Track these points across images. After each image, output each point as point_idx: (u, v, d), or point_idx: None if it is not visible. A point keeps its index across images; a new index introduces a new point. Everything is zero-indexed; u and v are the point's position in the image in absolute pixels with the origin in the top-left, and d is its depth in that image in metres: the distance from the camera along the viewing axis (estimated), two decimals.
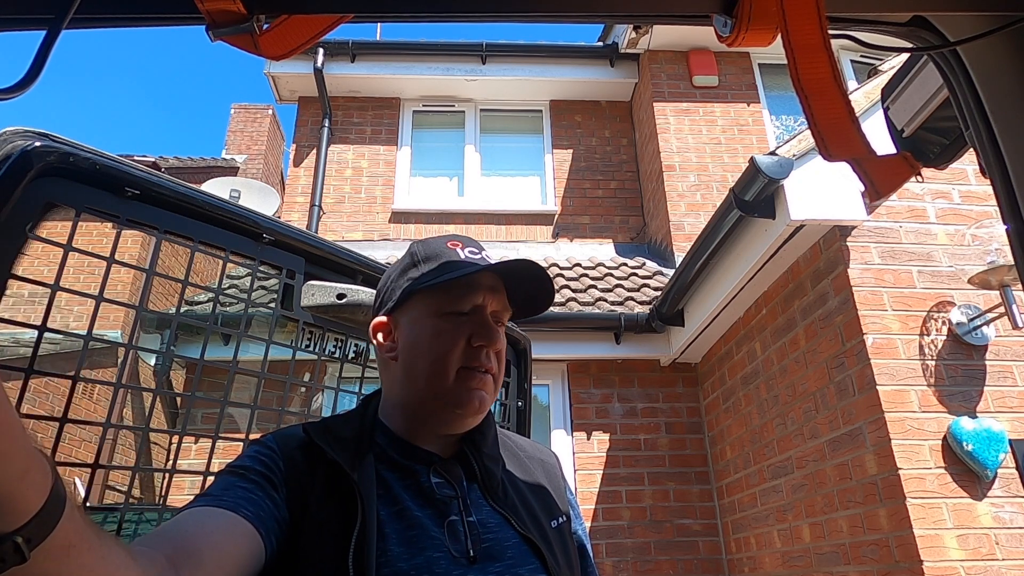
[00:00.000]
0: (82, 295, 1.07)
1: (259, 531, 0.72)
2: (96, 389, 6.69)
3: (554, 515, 0.94)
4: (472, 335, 0.87)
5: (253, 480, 0.77)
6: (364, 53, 6.45)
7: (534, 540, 0.85)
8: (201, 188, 1.48)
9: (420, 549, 0.79)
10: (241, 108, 11.42)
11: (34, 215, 0.93)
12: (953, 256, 3.01)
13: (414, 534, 0.80)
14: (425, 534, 0.80)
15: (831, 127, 0.64)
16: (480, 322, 0.88)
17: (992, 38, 0.69)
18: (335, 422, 0.91)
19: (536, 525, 0.89)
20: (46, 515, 0.42)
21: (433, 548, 0.80)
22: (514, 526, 0.86)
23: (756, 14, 0.62)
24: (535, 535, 0.86)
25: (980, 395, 2.76)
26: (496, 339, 0.88)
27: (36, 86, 0.59)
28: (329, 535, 0.77)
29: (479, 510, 0.87)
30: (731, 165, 5.63)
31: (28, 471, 0.41)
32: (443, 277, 0.88)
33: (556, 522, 0.93)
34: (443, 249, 0.92)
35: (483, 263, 0.91)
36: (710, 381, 4.50)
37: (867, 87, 3.24)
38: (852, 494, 2.88)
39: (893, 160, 0.65)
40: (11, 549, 0.40)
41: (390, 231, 6.09)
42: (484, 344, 0.87)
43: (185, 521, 0.69)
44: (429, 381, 0.87)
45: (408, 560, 0.77)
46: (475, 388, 0.86)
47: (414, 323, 0.90)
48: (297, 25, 0.65)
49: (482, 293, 0.89)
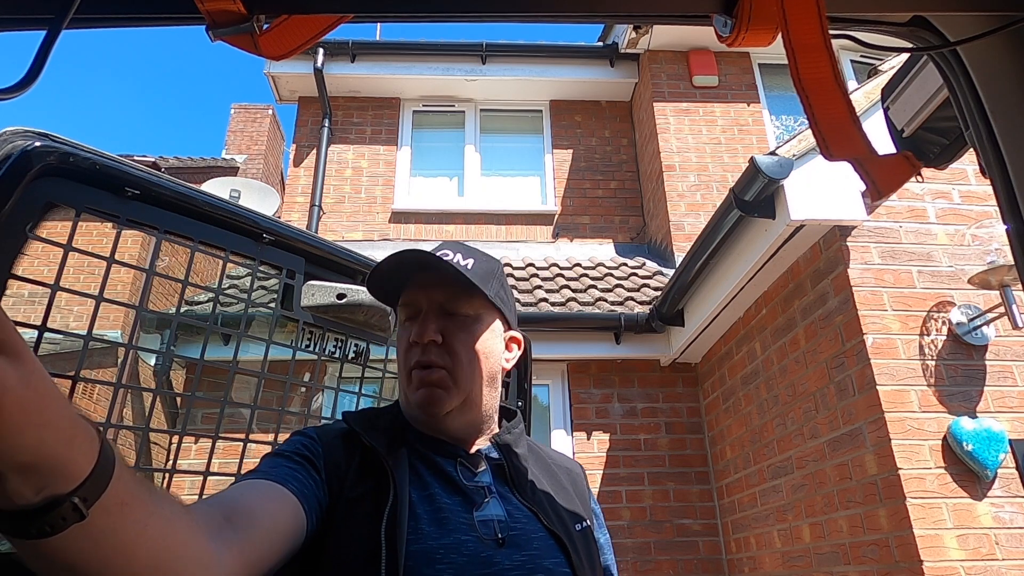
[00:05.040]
0: (82, 295, 1.07)
1: (303, 507, 0.76)
2: (96, 389, 6.69)
3: (579, 519, 0.95)
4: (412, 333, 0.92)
5: (297, 462, 0.82)
6: (364, 53, 6.45)
7: (560, 536, 0.87)
8: (201, 188, 1.48)
9: (449, 531, 0.82)
10: (241, 108, 11.42)
11: (34, 215, 0.93)
12: (953, 256, 3.01)
13: (444, 516, 0.84)
14: (454, 518, 0.84)
15: (832, 127, 0.64)
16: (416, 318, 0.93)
17: (992, 38, 0.69)
18: (372, 412, 0.99)
19: (562, 524, 0.91)
20: (97, 476, 0.46)
21: (462, 531, 0.83)
22: (541, 521, 0.88)
23: (756, 14, 0.62)
24: (561, 532, 0.88)
25: (980, 395, 2.76)
26: (423, 332, 0.89)
27: (36, 86, 0.59)
28: (362, 512, 0.81)
29: (507, 502, 0.89)
30: (731, 165, 5.63)
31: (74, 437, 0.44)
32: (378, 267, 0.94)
33: (580, 526, 0.95)
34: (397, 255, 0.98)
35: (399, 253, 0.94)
36: (710, 381, 4.50)
37: (867, 87, 3.24)
38: (852, 494, 2.88)
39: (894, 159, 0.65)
40: (70, 508, 0.44)
41: (390, 231, 6.09)
42: (413, 340, 0.90)
43: (239, 488, 0.74)
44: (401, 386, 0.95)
45: (437, 539, 0.81)
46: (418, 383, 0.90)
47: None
48: (297, 25, 0.65)
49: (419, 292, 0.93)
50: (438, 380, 0.89)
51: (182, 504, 0.58)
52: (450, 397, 0.90)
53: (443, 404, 0.90)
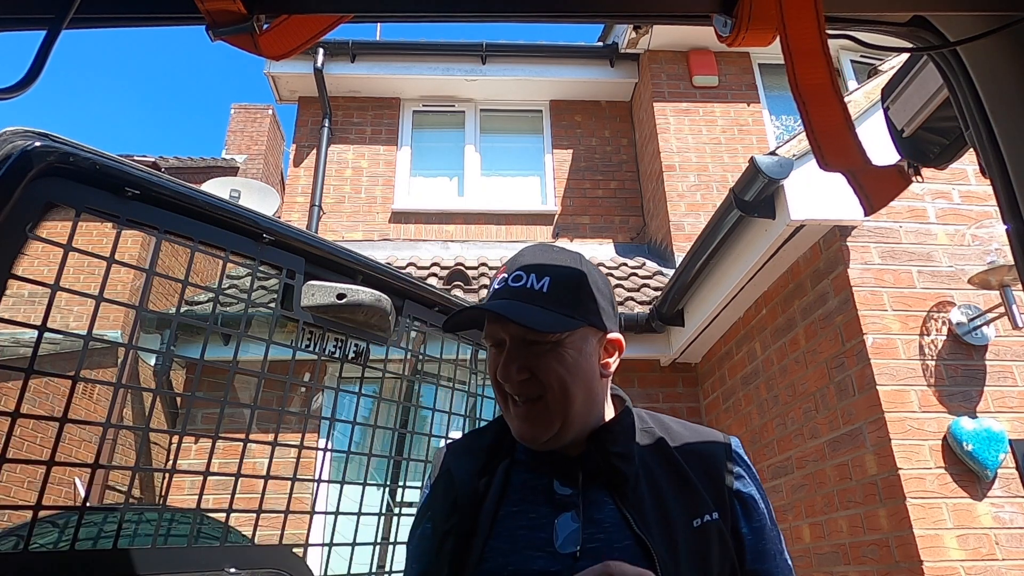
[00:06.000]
0: (82, 295, 1.07)
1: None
2: (96, 389, 6.69)
3: (699, 513, 0.88)
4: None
5: (411, 567, 0.94)
6: (364, 53, 6.45)
7: (648, 543, 0.83)
8: (201, 188, 1.48)
9: (523, 546, 0.84)
10: (241, 108, 11.42)
11: (34, 215, 0.93)
12: (953, 256, 3.01)
13: (523, 533, 0.85)
14: (533, 533, 0.85)
15: (828, 134, 0.64)
16: (501, 353, 0.91)
17: (992, 38, 0.69)
18: (474, 434, 1.04)
19: (664, 526, 0.86)
20: None
21: (535, 547, 0.84)
22: (632, 527, 0.85)
23: (756, 14, 0.62)
24: (654, 537, 0.84)
25: (980, 395, 2.76)
26: (504, 373, 0.89)
27: (36, 86, 0.59)
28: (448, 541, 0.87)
29: (599, 509, 0.87)
30: (731, 165, 5.63)
31: None
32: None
33: (700, 520, 0.87)
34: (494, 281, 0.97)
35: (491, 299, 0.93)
36: (710, 381, 4.50)
37: (867, 87, 3.24)
38: (852, 494, 2.88)
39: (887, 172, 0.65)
40: None
41: (390, 231, 6.09)
42: (498, 378, 0.90)
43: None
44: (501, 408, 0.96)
45: (507, 556, 0.83)
46: (515, 416, 0.91)
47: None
48: (297, 25, 0.65)
49: (499, 327, 0.91)
50: (534, 415, 0.89)
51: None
52: (546, 426, 0.89)
53: (541, 434, 0.89)
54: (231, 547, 1.27)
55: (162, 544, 1.64)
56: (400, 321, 1.51)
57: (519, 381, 0.88)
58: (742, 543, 0.89)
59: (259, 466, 1.57)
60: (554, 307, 0.88)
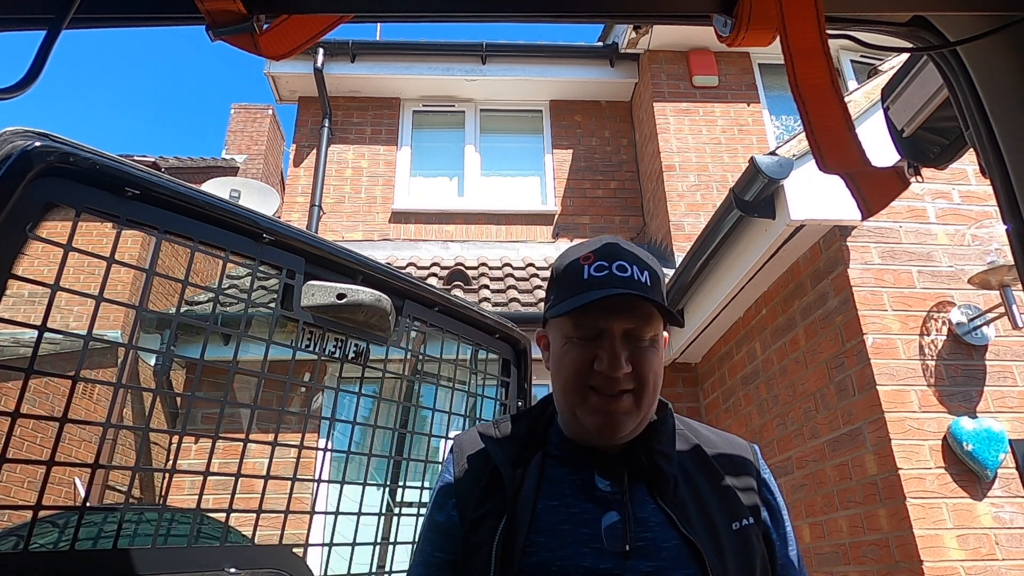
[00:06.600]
0: (82, 295, 1.07)
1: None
2: (96, 389, 6.68)
3: (737, 516, 0.88)
4: (596, 359, 0.87)
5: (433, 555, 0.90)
6: (364, 53, 6.45)
7: (696, 543, 0.82)
8: (201, 188, 1.48)
9: (569, 542, 0.82)
10: (241, 108, 11.42)
11: (34, 215, 0.93)
12: (953, 256, 3.01)
13: (566, 528, 0.83)
14: (577, 529, 0.83)
15: (828, 135, 0.64)
16: (603, 346, 0.87)
17: (992, 38, 0.69)
18: (507, 421, 1.00)
19: (707, 527, 0.85)
20: None
21: (582, 543, 0.82)
22: (677, 526, 0.84)
23: (756, 14, 0.62)
24: (700, 538, 0.83)
25: (980, 395, 2.76)
26: (614, 366, 0.85)
27: (36, 86, 0.59)
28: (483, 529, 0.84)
29: (642, 508, 0.86)
30: (731, 165, 5.63)
31: None
32: (555, 311, 0.89)
33: (739, 524, 0.87)
34: (573, 267, 0.91)
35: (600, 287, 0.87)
36: (710, 381, 4.49)
37: (867, 87, 3.24)
38: (852, 494, 2.88)
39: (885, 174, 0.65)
40: None
41: (390, 231, 6.09)
42: (601, 370, 0.86)
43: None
44: (567, 403, 0.91)
45: (553, 551, 0.81)
46: (599, 410, 0.87)
47: (553, 344, 0.95)
48: (297, 25, 0.65)
49: (603, 318, 0.87)
50: (625, 408, 0.87)
51: None
52: (631, 422, 0.88)
53: (623, 429, 0.88)
54: (231, 547, 1.27)
55: (162, 544, 1.64)
56: (400, 321, 1.51)
57: (629, 373, 0.86)
58: (773, 549, 0.91)
59: (259, 466, 1.57)
60: (661, 301, 0.88)
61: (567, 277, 0.91)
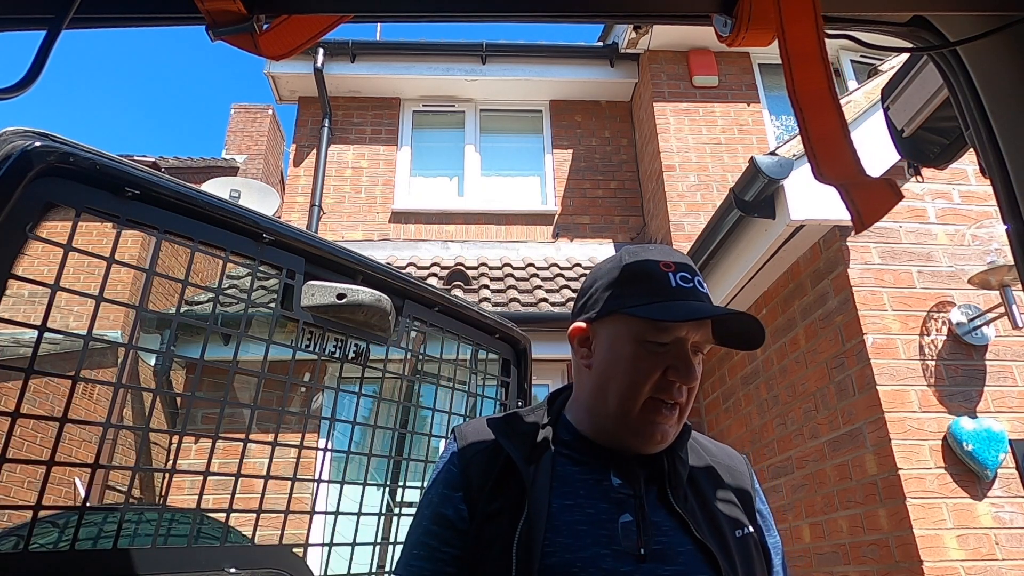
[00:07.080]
0: (82, 295, 1.07)
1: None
2: (96, 389, 6.69)
3: (739, 525, 0.89)
4: (669, 367, 0.85)
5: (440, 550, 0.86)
6: (364, 53, 6.45)
7: (710, 548, 0.82)
8: (201, 188, 1.48)
9: (588, 543, 0.81)
10: (241, 108, 11.42)
11: (34, 215, 0.93)
12: (953, 256, 3.01)
13: (584, 528, 0.82)
14: (595, 530, 0.82)
15: (824, 141, 0.63)
16: (678, 355, 0.86)
17: (992, 38, 0.69)
18: (517, 416, 0.96)
19: (716, 533, 0.86)
20: None
21: (601, 544, 0.81)
22: (691, 531, 0.84)
23: (756, 14, 0.62)
24: (713, 543, 0.83)
25: (980, 395, 2.76)
26: (693, 376, 0.85)
27: (36, 86, 0.59)
28: (498, 525, 0.82)
29: (656, 512, 0.85)
30: (731, 165, 5.63)
31: None
32: (652, 313, 0.85)
33: (741, 532, 0.89)
34: (655, 271, 0.89)
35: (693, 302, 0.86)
36: (710, 381, 4.50)
37: (867, 87, 3.24)
38: (852, 494, 2.88)
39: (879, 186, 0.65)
40: None
41: (390, 231, 6.09)
42: (678, 379, 0.85)
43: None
44: (619, 404, 0.87)
45: (574, 552, 0.80)
46: (659, 421, 0.86)
47: (614, 341, 0.89)
48: (297, 25, 0.65)
49: (687, 326, 0.86)
50: (675, 420, 0.87)
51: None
52: (675, 433, 0.88)
53: (669, 441, 0.88)
54: (231, 547, 1.27)
55: (162, 544, 1.64)
56: (400, 321, 1.51)
57: (691, 387, 0.87)
58: (768, 558, 0.93)
59: (259, 466, 1.57)
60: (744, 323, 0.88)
61: (648, 279, 0.88)
